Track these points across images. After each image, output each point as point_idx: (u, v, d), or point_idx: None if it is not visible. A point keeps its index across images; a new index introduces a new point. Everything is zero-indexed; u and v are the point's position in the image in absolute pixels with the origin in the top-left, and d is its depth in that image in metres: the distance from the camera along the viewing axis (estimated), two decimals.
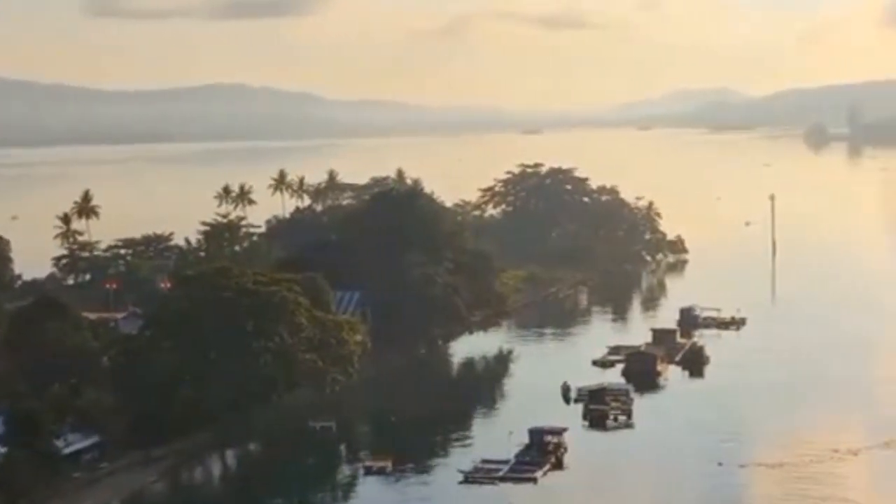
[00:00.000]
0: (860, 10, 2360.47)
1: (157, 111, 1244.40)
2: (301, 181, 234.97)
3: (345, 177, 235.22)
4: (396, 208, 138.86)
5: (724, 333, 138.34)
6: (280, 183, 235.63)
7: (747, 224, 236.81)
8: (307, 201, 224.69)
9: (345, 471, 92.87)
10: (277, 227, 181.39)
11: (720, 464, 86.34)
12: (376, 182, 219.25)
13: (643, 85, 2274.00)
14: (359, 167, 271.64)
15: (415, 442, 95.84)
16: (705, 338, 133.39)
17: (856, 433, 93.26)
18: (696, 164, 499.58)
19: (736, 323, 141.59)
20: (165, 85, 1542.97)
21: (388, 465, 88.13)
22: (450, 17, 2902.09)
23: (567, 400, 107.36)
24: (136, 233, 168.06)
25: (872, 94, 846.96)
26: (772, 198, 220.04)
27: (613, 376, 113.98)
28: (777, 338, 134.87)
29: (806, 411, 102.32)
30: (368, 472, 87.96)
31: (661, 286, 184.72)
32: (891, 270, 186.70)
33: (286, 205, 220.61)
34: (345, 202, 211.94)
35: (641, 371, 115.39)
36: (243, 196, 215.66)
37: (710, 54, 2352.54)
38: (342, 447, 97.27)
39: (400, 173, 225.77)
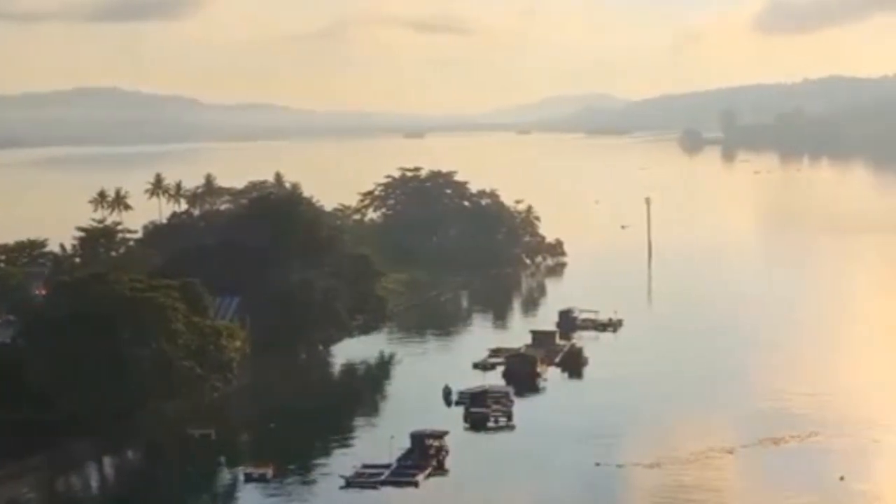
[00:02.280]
0: (730, 16, 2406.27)
1: (22, 115, 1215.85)
2: (178, 186, 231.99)
3: (223, 181, 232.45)
4: (275, 213, 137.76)
5: (603, 335, 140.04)
6: (157, 187, 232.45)
7: (624, 227, 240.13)
8: (185, 206, 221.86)
9: (225, 478, 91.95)
10: (154, 233, 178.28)
11: (598, 464, 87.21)
12: (255, 186, 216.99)
13: (521, 89, 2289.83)
14: (237, 171, 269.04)
15: (295, 448, 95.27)
16: (584, 339, 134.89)
17: (731, 431, 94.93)
18: (574, 168, 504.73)
19: (613, 324, 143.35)
20: (33, 88, 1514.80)
21: (269, 471, 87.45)
22: (329, 22, 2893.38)
23: (448, 403, 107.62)
24: (8, 239, 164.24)
25: (744, 99, 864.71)
26: (648, 201, 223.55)
27: (494, 379, 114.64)
28: (654, 338, 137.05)
29: (683, 410, 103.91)
30: (249, 479, 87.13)
31: (541, 289, 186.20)
32: (763, 269, 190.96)
33: (163, 210, 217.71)
34: (223, 207, 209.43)
35: (521, 373, 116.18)
36: (119, 201, 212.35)
37: (586, 60, 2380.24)
38: (222, 455, 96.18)
39: (279, 177, 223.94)
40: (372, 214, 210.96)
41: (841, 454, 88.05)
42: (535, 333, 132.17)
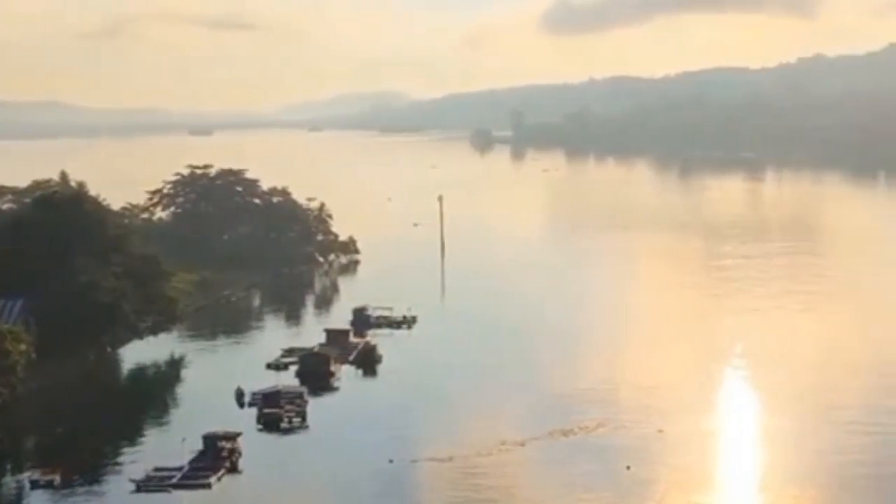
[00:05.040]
0: (518, 16, 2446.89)
1: None
2: None
3: (7, 180, 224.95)
4: (60, 212, 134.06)
5: (397, 332, 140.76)
6: None
7: (416, 225, 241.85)
8: None
9: (10, 485, 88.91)
10: None
11: (391, 461, 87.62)
12: (38, 185, 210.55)
13: (312, 86, 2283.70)
14: (20, 170, 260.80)
15: (84, 453, 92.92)
16: (378, 337, 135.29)
17: (523, 424, 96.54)
18: (366, 166, 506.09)
19: (408, 321, 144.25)
20: None
21: (56, 477, 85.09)
22: (116, 19, 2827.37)
23: (241, 404, 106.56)
24: None
25: (533, 99, 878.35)
26: (440, 199, 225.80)
27: (288, 378, 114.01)
28: (448, 334, 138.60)
29: (476, 404, 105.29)
30: (35, 485, 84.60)
31: (334, 287, 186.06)
32: (552, 265, 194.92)
33: None
34: (4, 206, 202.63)
35: (315, 372, 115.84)
36: None
37: (378, 57, 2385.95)
38: (7, 461, 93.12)
39: (64, 176, 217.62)
40: (161, 213, 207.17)
41: (628, 445, 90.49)
42: (328, 332, 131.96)
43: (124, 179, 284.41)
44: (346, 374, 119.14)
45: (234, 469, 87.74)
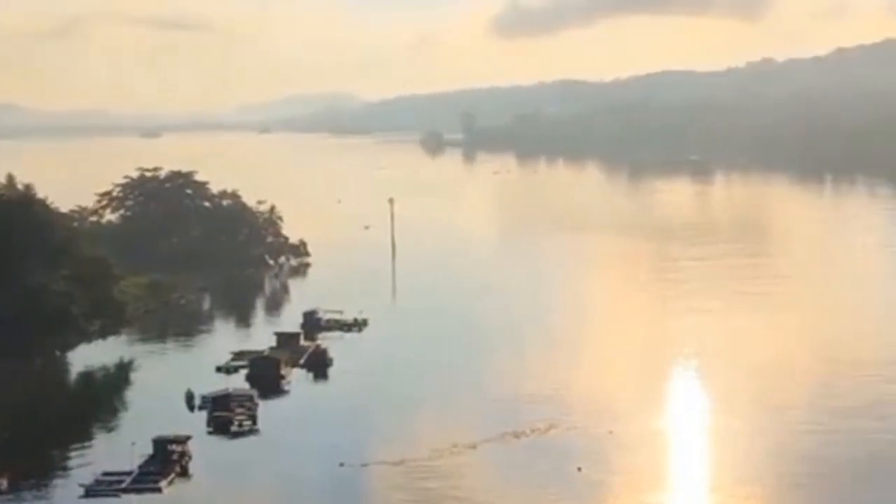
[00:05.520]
0: (469, 19, 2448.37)
1: None
2: None
3: None
4: (7, 216, 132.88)
5: (348, 335, 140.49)
6: None
7: (367, 227, 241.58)
8: None
9: None
10: None
11: (342, 464, 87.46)
12: None
13: (261, 88, 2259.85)
14: None
15: (32, 458, 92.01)
16: (329, 340, 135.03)
17: (474, 426, 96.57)
18: (317, 168, 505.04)
19: (358, 324, 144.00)
20: None
21: (3, 482, 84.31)
22: (62, 20, 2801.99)
23: (191, 407, 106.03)
24: None
25: (484, 101, 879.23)
26: (391, 201, 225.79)
27: (238, 382, 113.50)
28: (399, 337, 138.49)
29: (427, 407, 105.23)
30: None
31: (285, 290, 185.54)
32: (504, 267, 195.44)
33: None
34: None
35: (265, 375, 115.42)
36: None
37: (327, 59, 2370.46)
38: None
39: (10, 179, 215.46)
40: (110, 216, 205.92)
41: (579, 446, 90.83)
42: (279, 335, 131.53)
43: (74, 182, 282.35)
44: (296, 378, 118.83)
45: (184, 473, 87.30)
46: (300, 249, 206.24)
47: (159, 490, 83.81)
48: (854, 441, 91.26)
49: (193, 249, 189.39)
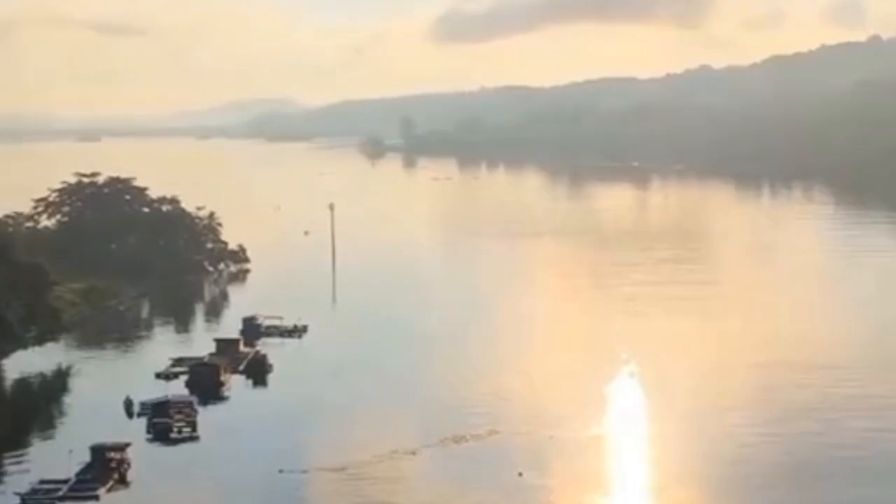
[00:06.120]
0: (410, 24, 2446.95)
1: None
2: None
3: None
4: None
5: (288, 341, 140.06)
6: None
7: (307, 233, 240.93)
8: None
9: None
10: None
11: (281, 470, 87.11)
12: None
13: (200, 94, 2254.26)
14: None
15: None
16: (269, 346, 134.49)
17: (414, 432, 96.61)
18: (256, 174, 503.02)
19: (298, 330, 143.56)
20: None
21: None
22: (1, 22, 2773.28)
23: (130, 414, 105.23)
24: None
25: (425, 107, 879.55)
26: (331, 207, 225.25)
27: (177, 388, 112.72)
28: (339, 343, 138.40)
29: (367, 413, 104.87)
30: None
31: (224, 296, 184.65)
32: (443, 270, 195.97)
33: None
34: None
35: (205, 382, 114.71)
36: None
37: (266, 65, 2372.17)
38: None
39: None
40: (47, 222, 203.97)
41: (519, 451, 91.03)
42: (218, 341, 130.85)
43: (9, 186, 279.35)
44: (236, 384, 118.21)
45: (122, 480, 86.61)
46: (239, 255, 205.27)
47: (97, 498, 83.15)
48: (790, 443, 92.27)
49: (132, 255, 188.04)
